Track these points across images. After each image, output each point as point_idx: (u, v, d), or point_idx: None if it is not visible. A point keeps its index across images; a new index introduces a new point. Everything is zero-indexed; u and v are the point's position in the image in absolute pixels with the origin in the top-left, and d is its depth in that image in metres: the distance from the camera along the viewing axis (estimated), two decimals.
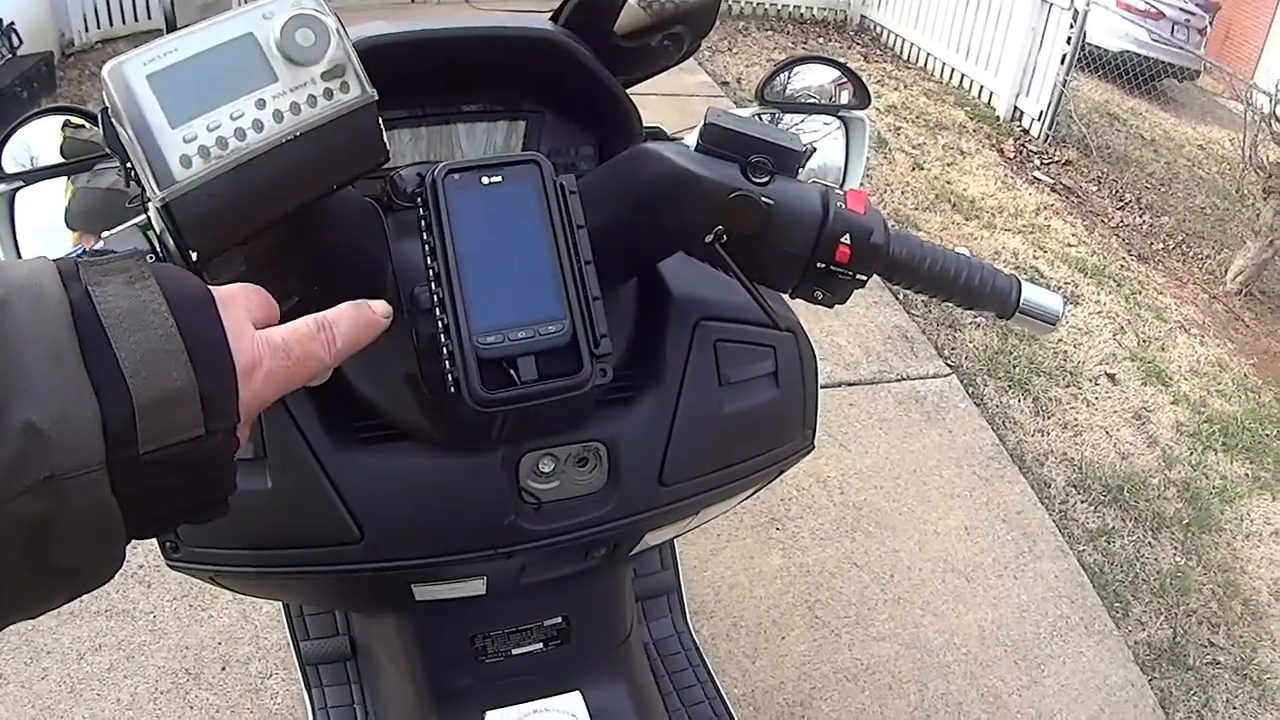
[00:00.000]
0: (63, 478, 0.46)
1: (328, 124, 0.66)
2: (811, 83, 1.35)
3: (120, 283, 0.50)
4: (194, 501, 0.54)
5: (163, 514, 0.53)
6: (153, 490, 0.50)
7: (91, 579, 0.51)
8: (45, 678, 2.23)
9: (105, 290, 0.50)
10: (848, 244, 0.88)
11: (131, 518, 0.50)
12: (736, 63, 7.58)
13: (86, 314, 0.49)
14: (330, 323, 0.61)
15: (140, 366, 0.48)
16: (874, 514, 3.14)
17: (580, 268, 0.82)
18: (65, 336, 0.48)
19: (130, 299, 0.50)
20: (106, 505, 0.48)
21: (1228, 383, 4.47)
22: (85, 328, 0.48)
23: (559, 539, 1.01)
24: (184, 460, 0.50)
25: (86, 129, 1.16)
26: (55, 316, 0.48)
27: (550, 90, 1.10)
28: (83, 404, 0.47)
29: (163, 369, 0.49)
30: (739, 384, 1.08)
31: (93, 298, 0.49)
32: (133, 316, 0.49)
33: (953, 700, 2.59)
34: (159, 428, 0.49)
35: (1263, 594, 3.28)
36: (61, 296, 0.49)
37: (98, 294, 0.49)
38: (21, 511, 0.45)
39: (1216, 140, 8.48)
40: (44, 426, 0.45)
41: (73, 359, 0.47)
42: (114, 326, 0.49)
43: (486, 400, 0.77)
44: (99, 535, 0.49)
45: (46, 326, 0.47)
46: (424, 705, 1.15)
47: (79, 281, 0.50)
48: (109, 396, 0.47)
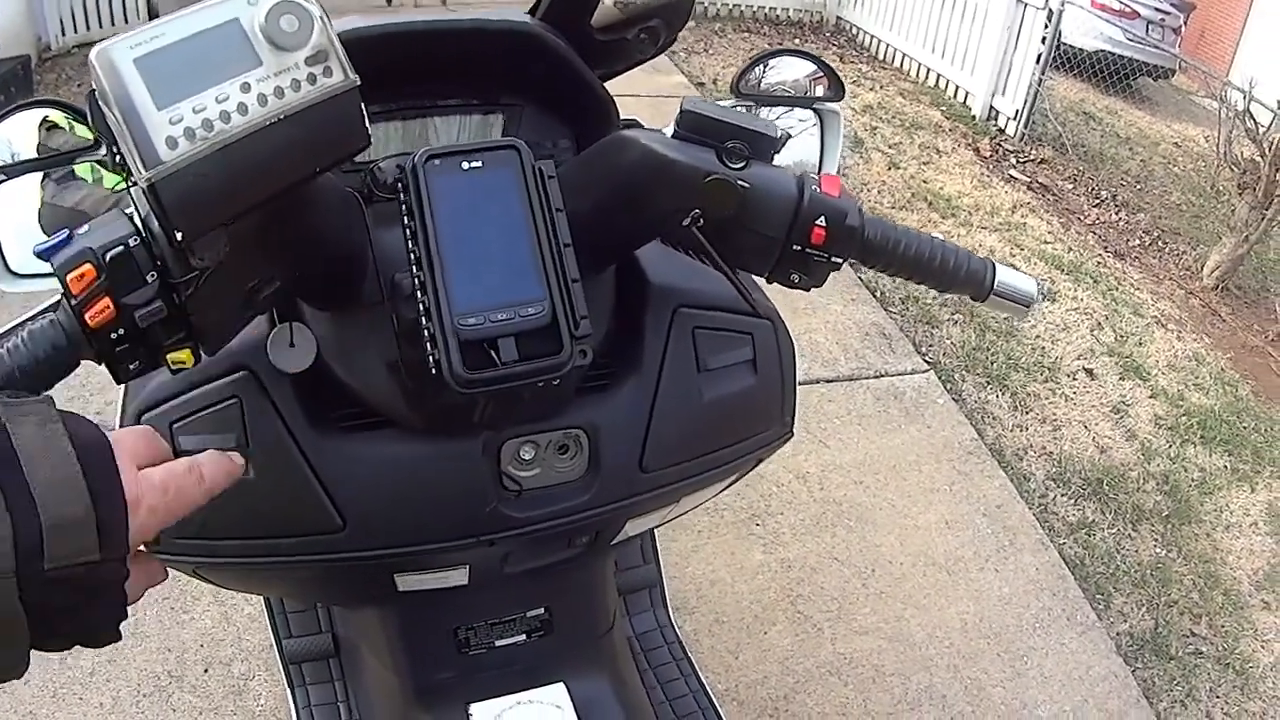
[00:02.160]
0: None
1: (311, 108, 0.66)
2: (787, 76, 1.36)
3: (33, 423, 0.57)
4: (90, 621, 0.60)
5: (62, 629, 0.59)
6: (54, 605, 0.56)
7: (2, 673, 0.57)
8: (26, 682, 2.21)
9: (20, 428, 0.57)
10: (823, 226, 0.89)
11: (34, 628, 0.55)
12: (713, 63, 7.59)
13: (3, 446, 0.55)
14: (199, 465, 0.69)
15: (49, 495, 0.55)
16: (854, 509, 3.15)
17: (560, 250, 0.83)
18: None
19: (42, 438, 0.57)
20: (14, 611, 0.54)
21: (1205, 377, 4.50)
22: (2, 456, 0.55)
23: (541, 526, 1.01)
24: (82, 582, 0.57)
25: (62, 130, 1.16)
26: None
27: (528, 84, 1.10)
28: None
29: (68, 499, 0.56)
30: (717, 371, 1.08)
31: (9, 433, 0.56)
32: (43, 453, 0.56)
33: (936, 693, 2.60)
34: (62, 549, 0.55)
35: (1243, 584, 3.31)
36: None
37: (13, 430, 0.56)
38: None
39: (1191, 138, 8.53)
40: None
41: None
42: (27, 460, 0.55)
43: (467, 381, 0.78)
44: (6, 638, 0.55)
45: None
46: (408, 699, 1.15)
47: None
48: (21, 516, 0.54)
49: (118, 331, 0.70)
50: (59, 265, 0.68)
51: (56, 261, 0.68)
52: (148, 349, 0.72)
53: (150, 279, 0.69)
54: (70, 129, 1.15)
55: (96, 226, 0.70)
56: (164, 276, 0.69)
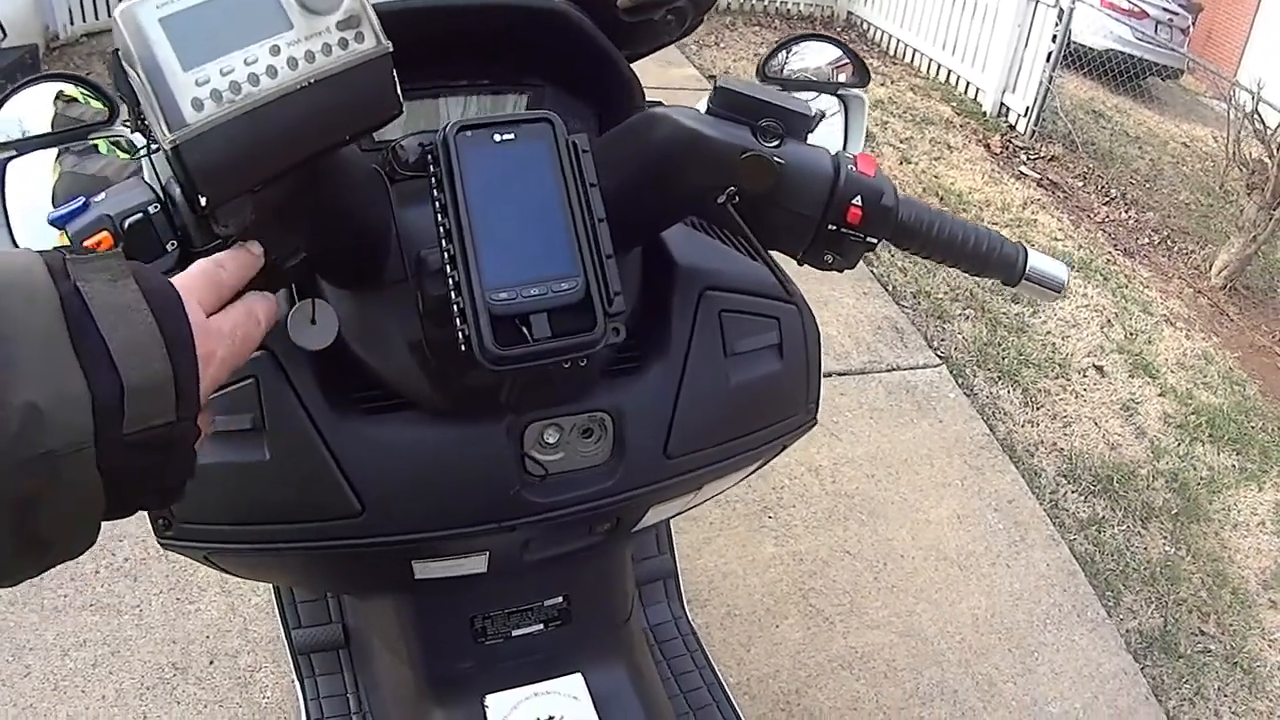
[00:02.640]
0: (56, 455, 0.50)
1: (342, 73, 0.65)
2: (811, 63, 1.35)
3: (104, 280, 0.54)
4: (160, 485, 0.58)
5: (134, 495, 0.57)
6: (129, 471, 0.54)
7: (69, 552, 0.55)
8: (28, 675, 2.19)
9: (92, 286, 0.54)
10: (859, 206, 0.88)
11: (109, 496, 0.54)
12: (724, 57, 7.58)
13: (75, 307, 0.52)
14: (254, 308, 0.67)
15: (128, 356, 0.53)
16: (866, 503, 3.14)
17: (593, 225, 0.81)
18: (56, 326, 0.51)
19: (114, 295, 0.54)
20: (92, 481, 0.52)
21: (1214, 375, 4.49)
22: (74, 319, 0.52)
23: (563, 512, 0.99)
24: (158, 443, 0.55)
25: (79, 103, 1.14)
26: (47, 308, 0.52)
27: (553, 63, 1.09)
28: (75, 387, 0.51)
29: (147, 360, 0.54)
30: (744, 355, 1.07)
31: (82, 293, 0.53)
32: (118, 311, 0.54)
33: (948, 688, 2.59)
34: (141, 412, 0.53)
35: (1251, 583, 3.29)
36: (51, 290, 0.52)
37: (86, 289, 0.53)
38: (16, 485, 0.49)
39: (1200, 138, 8.52)
40: (42, 405, 0.49)
41: (64, 347, 0.51)
42: (103, 319, 0.53)
43: (499, 357, 0.76)
44: (82, 510, 0.53)
45: (39, 316, 0.51)
46: (421, 691, 1.13)
47: (67, 277, 0.54)
48: (99, 381, 0.51)
49: None
50: (74, 233, 0.66)
51: (72, 229, 0.66)
52: None
53: (170, 248, 0.67)
54: (86, 103, 1.14)
55: (114, 193, 0.68)
56: (185, 245, 0.68)
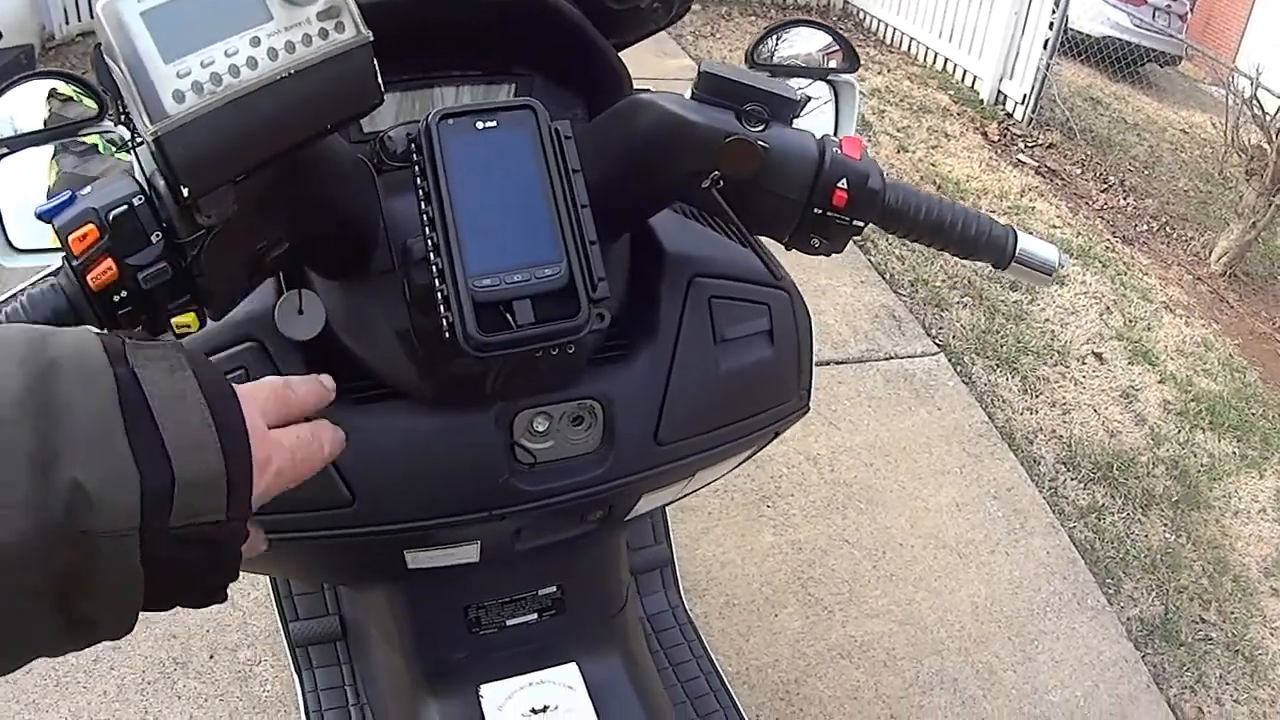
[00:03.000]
0: (100, 536, 0.49)
1: (323, 63, 0.65)
2: (800, 50, 1.34)
3: (162, 369, 0.55)
4: (203, 583, 0.57)
5: (175, 590, 0.56)
6: (172, 565, 0.53)
7: (110, 633, 0.54)
8: (29, 671, 2.19)
9: (149, 374, 0.54)
10: (844, 189, 0.88)
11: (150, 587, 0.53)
12: (719, 47, 7.57)
13: (132, 392, 0.52)
14: (320, 433, 0.68)
15: (182, 447, 0.52)
16: (865, 491, 3.14)
17: (577, 211, 0.81)
18: (111, 409, 0.51)
19: (172, 385, 0.54)
20: (133, 569, 0.51)
21: (1213, 362, 4.48)
22: (130, 405, 0.52)
23: (554, 500, 0.99)
24: (204, 540, 0.54)
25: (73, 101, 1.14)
26: (103, 389, 0.51)
27: (540, 52, 1.08)
28: (125, 472, 0.50)
29: (200, 454, 0.53)
30: (734, 341, 1.07)
31: (140, 379, 0.53)
32: (175, 401, 0.53)
33: (947, 676, 2.59)
34: (190, 506, 0.53)
35: (1252, 570, 3.29)
36: (108, 372, 0.52)
37: (143, 375, 0.53)
38: (58, 560, 0.48)
39: (1198, 124, 8.49)
40: (89, 487, 0.48)
41: (118, 430, 0.51)
42: (159, 408, 0.53)
43: (483, 344, 0.76)
44: (122, 596, 0.52)
45: (95, 397, 0.51)
46: (416, 682, 1.13)
47: (124, 361, 0.54)
48: (150, 470, 0.51)
49: (120, 294, 0.68)
50: (61, 226, 0.67)
51: (58, 222, 0.67)
52: (151, 312, 0.70)
53: (155, 239, 0.68)
54: (79, 100, 1.14)
55: (99, 187, 0.69)
56: (169, 236, 0.68)
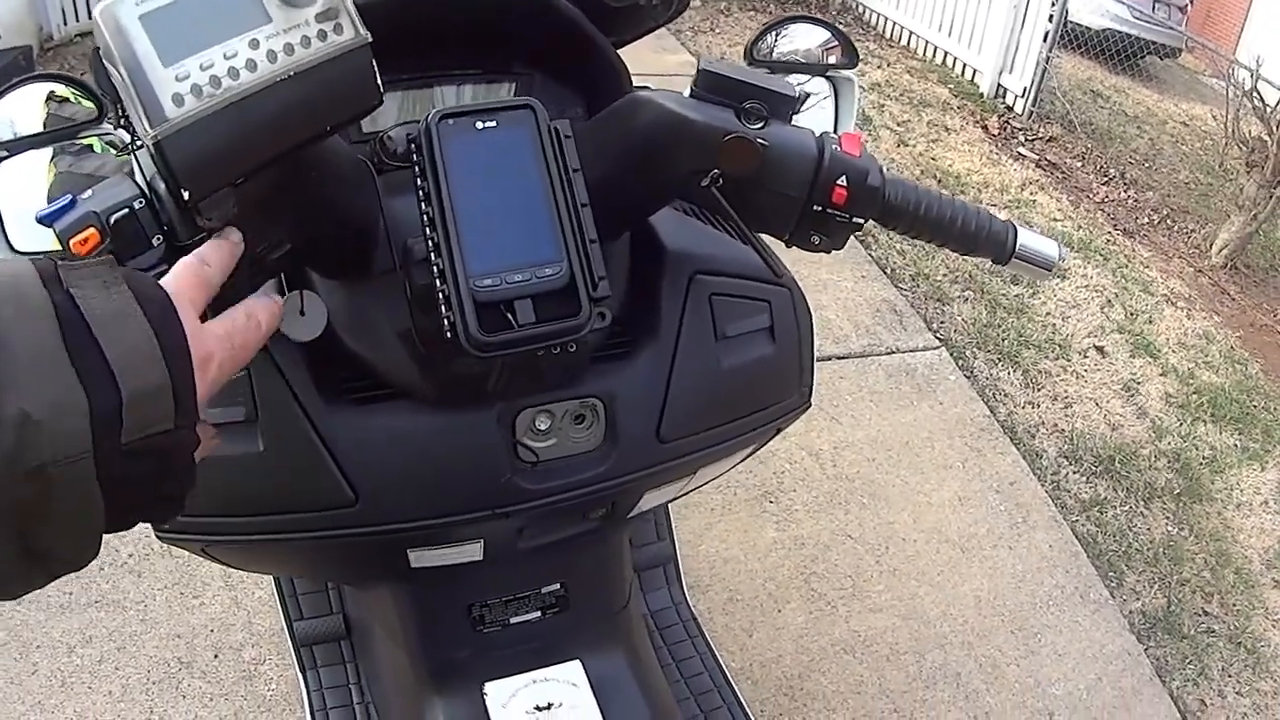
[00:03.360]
0: (53, 465, 0.49)
1: (322, 65, 0.65)
2: (800, 46, 1.34)
3: (97, 286, 0.54)
4: (161, 494, 0.57)
5: (135, 505, 0.56)
6: (128, 481, 0.53)
7: (72, 563, 0.54)
8: (35, 673, 2.20)
9: (85, 293, 0.53)
10: (844, 186, 0.88)
11: (109, 507, 0.53)
12: (719, 42, 7.56)
13: (70, 315, 0.52)
14: (254, 311, 0.67)
15: (125, 365, 0.52)
16: (867, 486, 3.14)
17: (577, 210, 0.81)
18: (50, 335, 0.51)
19: (109, 303, 0.53)
20: (91, 492, 0.51)
21: (1215, 355, 4.47)
22: (69, 327, 0.51)
23: (556, 498, 1.00)
24: (157, 452, 0.54)
25: (71, 103, 1.14)
26: (40, 316, 0.51)
27: (539, 51, 1.08)
28: (72, 396, 0.50)
29: (144, 367, 0.53)
30: (735, 339, 1.07)
31: (76, 300, 0.52)
32: (114, 319, 0.53)
33: (951, 670, 2.59)
34: (139, 421, 0.52)
35: (1254, 563, 3.29)
36: (44, 298, 0.52)
37: (80, 296, 0.53)
38: (13, 496, 0.48)
39: (1199, 116, 8.48)
40: (37, 416, 0.48)
41: (59, 355, 0.50)
42: (99, 327, 0.52)
43: (484, 344, 0.76)
44: (82, 522, 0.52)
45: (32, 325, 0.50)
46: (421, 680, 1.13)
47: (60, 284, 0.53)
48: (96, 391, 0.51)
49: None
50: (62, 230, 0.67)
51: (59, 226, 0.67)
52: None
53: (156, 242, 0.68)
54: (77, 102, 1.14)
55: (100, 190, 0.69)
56: (170, 239, 0.68)
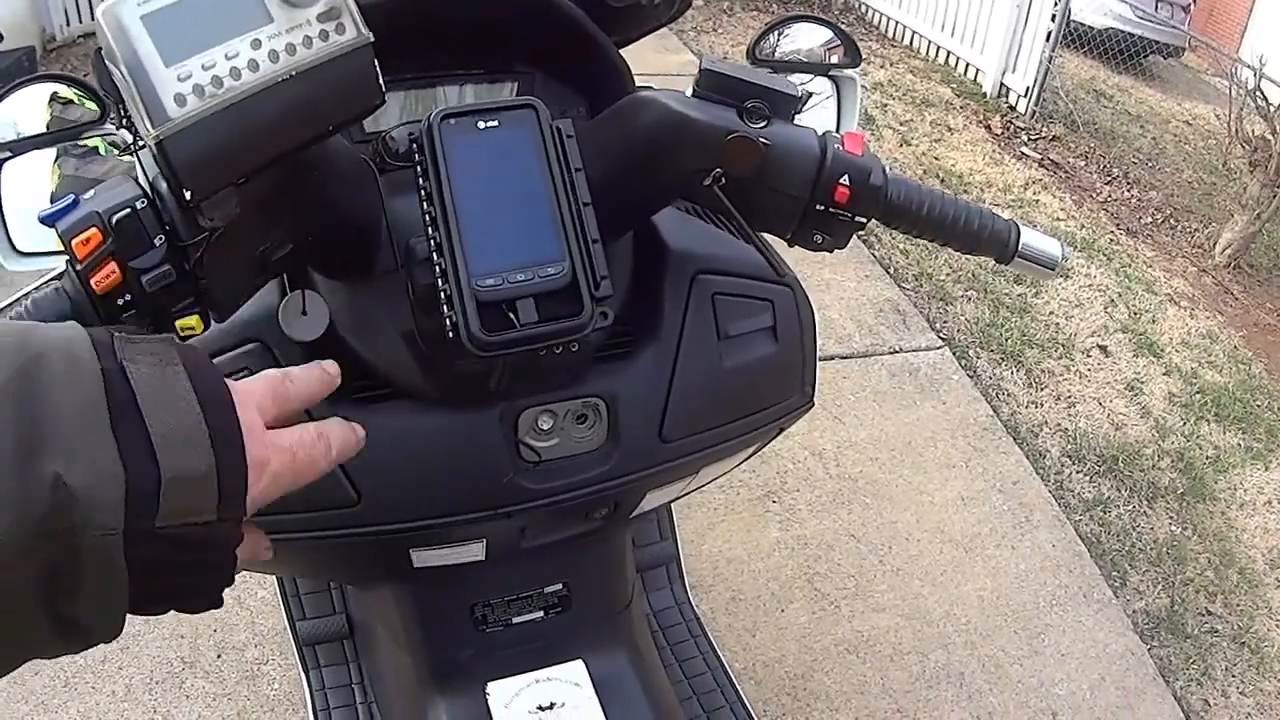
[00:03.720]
0: (83, 533, 0.47)
1: (324, 65, 0.65)
2: (802, 45, 1.34)
3: (151, 363, 0.52)
4: (194, 586, 0.55)
5: (163, 592, 0.54)
6: (159, 566, 0.51)
7: (98, 636, 0.52)
8: (38, 673, 2.21)
9: (139, 367, 0.52)
10: (846, 185, 0.88)
11: (135, 588, 0.51)
12: (722, 42, 7.56)
13: (119, 387, 0.50)
14: (327, 433, 0.64)
15: (169, 445, 0.50)
16: (870, 486, 3.14)
17: (579, 210, 0.81)
18: (97, 403, 0.49)
19: (161, 380, 0.52)
20: (117, 569, 0.49)
21: (1218, 354, 4.47)
22: (117, 400, 0.50)
23: (559, 498, 1.00)
24: (193, 541, 0.52)
25: (74, 104, 1.14)
26: (89, 383, 0.50)
27: (541, 51, 1.08)
28: (110, 469, 0.48)
29: (189, 451, 0.51)
30: (738, 338, 1.07)
31: (128, 373, 0.51)
32: (164, 397, 0.51)
33: (954, 670, 2.59)
34: (178, 506, 0.50)
35: (1258, 562, 3.28)
36: (95, 365, 0.50)
37: (132, 370, 0.51)
38: (40, 556, 0.46)
39: (1202, 116, 8.47)
40: (71, 482, 0.47)
41: (103, 426, 0.49)
42: (147, 404, 0.50)
43: (486, 343, 0.76)
44: (106, 597, 0.50)
45: (80, 391, 0.49)
46: (424, 680, 1.13)
47: (113, 355, 0.52)
48: (136, 467, 0.49)
49: (125, 297, 0.68)
50: (64, 230, 0.67)
51: (62, 226, 0.67)
52: (156, 315, 0.70)
53: (158, 242, 0.68)
54: (80, 103, 1.14)
55: (102, 190, 0.69)
56: (172, 239, 0.68)
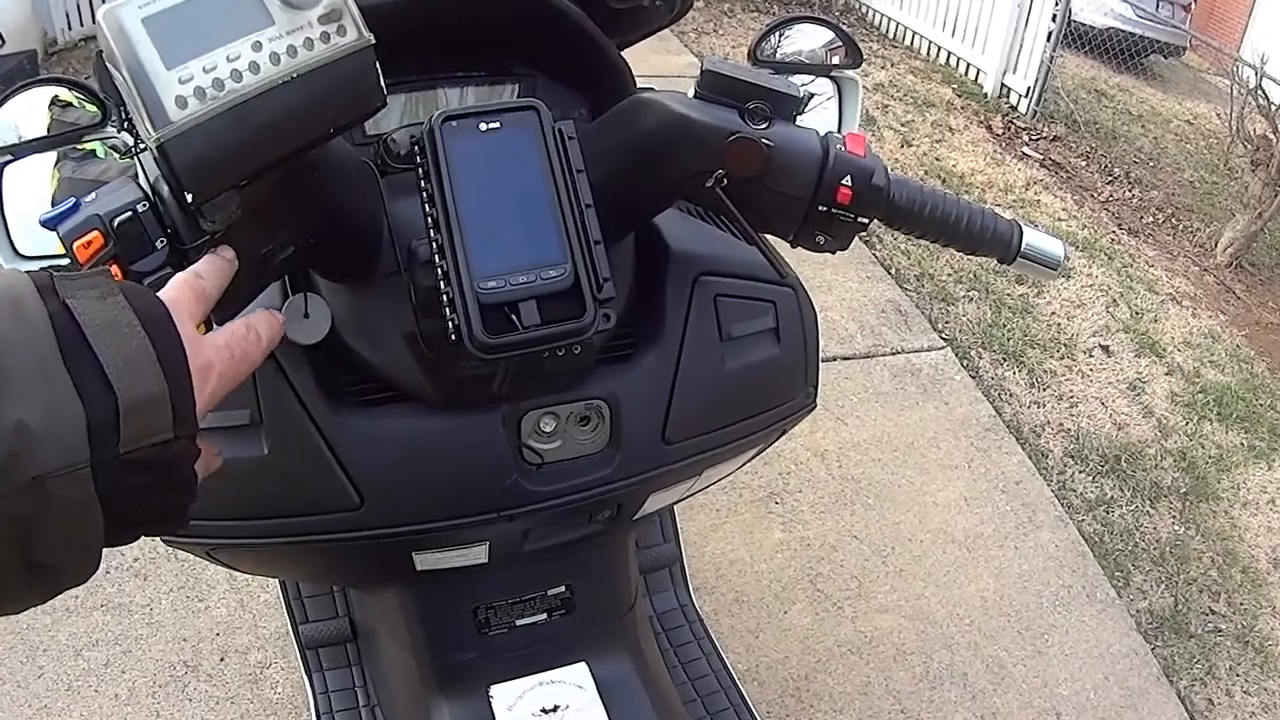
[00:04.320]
0: (50, 476, 0.49)
1: (325, 67, 0.65)
2: (803, 46, 1.34)
3: (94, 297, 0.54)
4: (161, 506, 0.57)
5: (134, 517, 0.55)
6: (127, 492, 0.53)
7: (72, 577, 0.54)
8: (41, 676, 2.21)
9: (82, 304, 0.53)
10: (849, 186, 0.87)
11: (108, 519, 0.52)
12: (722, 44, 7.56)
13: (66, 325, 0.52)
14: (254, 324, 0.67)
15: (122, 373, 0.52)
16: (873, 486, 3.14)
17: (581, 212, 0.81)
18: (47, 344, 0.51)
19: (105, 312, 0.53)
20: (89, 503, 0.51)
21: (1220, 353, 4.46)
22: (66, 337, 0.51)
23: (562, 500, 1.00)
24: (156, 462, 0.54)
25: (74, 107, 1.14)
26: (36, 325, 0.51)
27: (542, 53, 1.08)
28: (68, 406, 0.50)
29: (141, 377, 0.53)
30: (740, 340, 1.07)
31: (72, 310, 0.52)
32: (110, 329, 0.53)
33: (957, 671, 2.58)
34: (137, 430, 0.52)
35: (1261, 561, 3.28)
36: (41, 307, 0.52)
37: (76, 306, 0.53)
38: (10, 509, 0.48)
39: (1203, 115, 8.47)
40: (34, 425, 0.48)
41: (55, 365, 0.50)
42: (95, 337, 0.52)
43: (488, 346, 0.76)
44: (81, 533, 0.52)
45: (28, 334, 0.50)
46: (427, 683, 1.13)
47: (55, 295, 0.53)
48: (93, 400, 0.51)
49: None
50: (65, 233, 0.66)
51: (63, 230, 0.67)
52: None
53: (159, 245, 0.67)
54: (81, 107, 1.14)
55: (104, 194, 0.69)
56: (174, 242, 0.68)
